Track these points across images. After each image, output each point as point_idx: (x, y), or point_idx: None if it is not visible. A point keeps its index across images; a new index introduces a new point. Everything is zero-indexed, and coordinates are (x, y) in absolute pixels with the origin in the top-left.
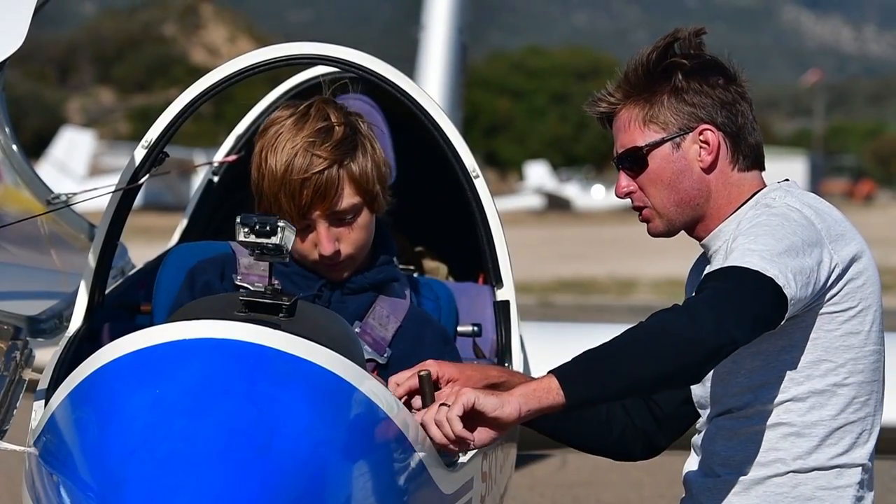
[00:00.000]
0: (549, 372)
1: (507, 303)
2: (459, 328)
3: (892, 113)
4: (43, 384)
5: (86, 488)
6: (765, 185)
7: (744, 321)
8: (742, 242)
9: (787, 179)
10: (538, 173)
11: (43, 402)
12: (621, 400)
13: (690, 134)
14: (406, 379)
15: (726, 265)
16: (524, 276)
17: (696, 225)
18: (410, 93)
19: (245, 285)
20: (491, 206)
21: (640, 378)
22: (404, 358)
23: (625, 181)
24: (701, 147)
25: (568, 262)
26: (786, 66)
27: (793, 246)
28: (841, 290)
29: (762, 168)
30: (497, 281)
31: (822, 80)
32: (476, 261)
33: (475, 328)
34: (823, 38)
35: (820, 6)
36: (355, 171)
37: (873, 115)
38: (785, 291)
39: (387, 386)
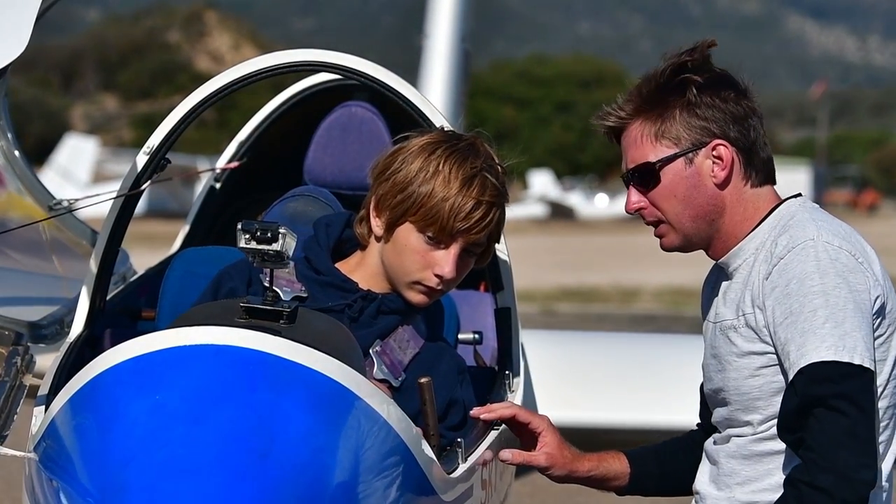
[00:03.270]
0: None
1: (508, 310)
2: (460, 335)
3: (895, 123)
4: (43, 390)
5: (86, 494)
6: (779, 200)
7: (864, 452)
8: (811, 341)
9: (799, 194)
10: (542, 182)
11: (43, 407)
12: None
13: (703, 149)
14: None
15: (814, 394)
16: (527, 285)
17: (711, 242)
18: (412, 100)
19: (275, 290)
20: None
21: None
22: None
23: (636, 197)
24: (714, 162)
25: (571, 270)
26: (790, 75)
27: (856, 309)
28: (882, 316)
29: (774, 182)
30: (498, 289)
31: (826, 90)
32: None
33: (476, 336)
34: (828, 48)
35: (824, 15)
36: (499, 217)
37: (877, 124)
38: (868, 366)
39: (389, 395)
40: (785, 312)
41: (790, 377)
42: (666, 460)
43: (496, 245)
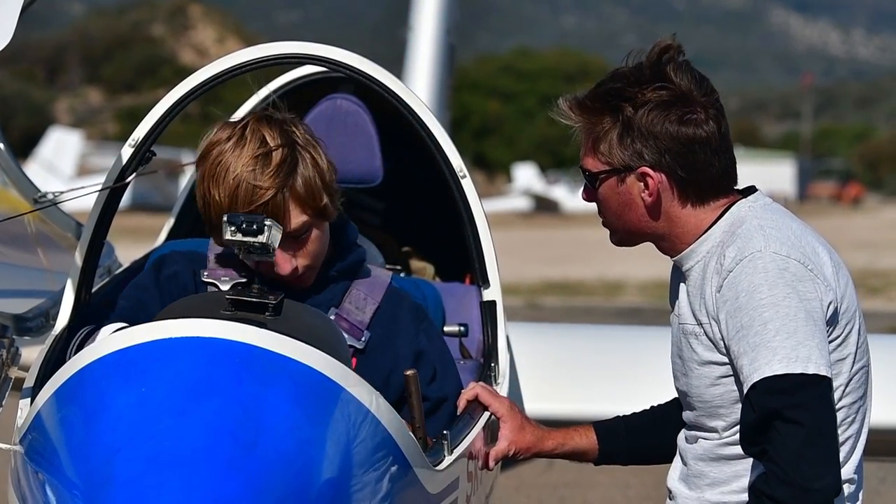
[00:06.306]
0: None
1: (493, 303)
2: (446, 328)
3: (880, 116)
4: (29, 382)
5: (71, 487)
6: (732, 200)
7: (824, 460)
8: (763, 355)
9: (753, 188)
10: (526, 175)
11: (29, 400)
12: None
13: (633, 173)
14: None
15: (771, 406)
16: (512, 278)
17: (657, 244)
18: (398, 92)
19: (212, 281)
20: (478, 207)
21: None
22: (383, 341)
23: (586, 193)
24: (643, 188)
25: (555, 264)
26: (774, 69)
27: (808, 318)
28: (836, 321)
29: (731, 186)
30: (483, 281)
31: (810, 84)
32: (463, 261)
33: (462, 328)
34: (812, 42)
35: (808, 9)
36: (300, 191)
37: (861, 118)
38: (824, 374)
39: (371, 385)
40: (736, 326)
41: (745, 391)
42: (635, 435)
43: (329, 198)
